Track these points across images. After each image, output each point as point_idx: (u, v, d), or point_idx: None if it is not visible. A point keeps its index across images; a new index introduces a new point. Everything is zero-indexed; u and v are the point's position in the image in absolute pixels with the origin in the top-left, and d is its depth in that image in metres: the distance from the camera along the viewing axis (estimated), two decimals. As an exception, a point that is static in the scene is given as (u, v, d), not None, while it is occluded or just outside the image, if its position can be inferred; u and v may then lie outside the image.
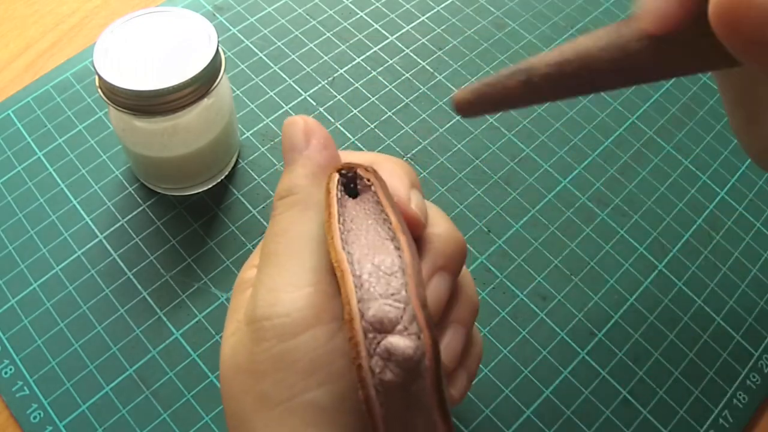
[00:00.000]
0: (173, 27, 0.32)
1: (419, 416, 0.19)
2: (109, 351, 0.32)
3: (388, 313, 0.19)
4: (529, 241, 0.36)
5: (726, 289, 0.35)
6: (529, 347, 0.33)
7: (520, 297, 0.34)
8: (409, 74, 0.42)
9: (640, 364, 0.33)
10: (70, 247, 0.35)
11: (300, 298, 0.20)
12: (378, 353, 0.19)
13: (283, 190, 0.23)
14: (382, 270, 0.20)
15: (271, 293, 0.21)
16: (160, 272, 0.34)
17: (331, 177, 0.22)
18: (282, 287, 0.21)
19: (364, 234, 0.21)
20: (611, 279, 0.35)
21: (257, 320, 0.21)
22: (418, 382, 0.19)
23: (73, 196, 0.36)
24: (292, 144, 0.24)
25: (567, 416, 0.31)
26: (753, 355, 0.33)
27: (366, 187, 0.22)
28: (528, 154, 0.39)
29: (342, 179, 0.22)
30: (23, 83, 0.40)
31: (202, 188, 0.37)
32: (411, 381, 0.19)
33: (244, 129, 0.39)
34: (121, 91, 0.29)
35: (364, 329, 0.19)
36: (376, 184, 0.22)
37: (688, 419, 0.32)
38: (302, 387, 0.20)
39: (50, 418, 0.30)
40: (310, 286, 0.21)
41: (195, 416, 0.31)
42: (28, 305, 0.33)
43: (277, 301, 0.21)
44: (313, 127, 0.24)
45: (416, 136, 0.39)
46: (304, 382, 0.20)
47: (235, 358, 0.22)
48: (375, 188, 0.22)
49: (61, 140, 0.38)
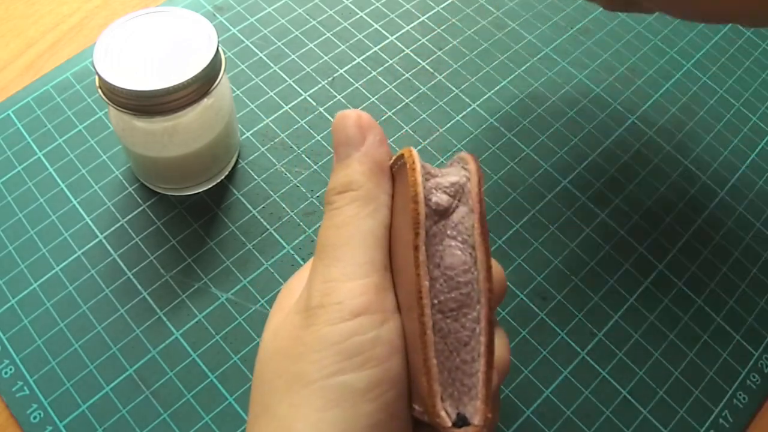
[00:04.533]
0: (173, 27, 0.32)
1: (457, 246, 0.21)
2: (109, 351, 0.32)
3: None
4: (529, 241, 0.36)
5: (726, 289, 0.35)
6: (529, 347, 0.33)
7: (520, 297, 0.34)
8: (409, 74, 0.42)
9: (640, 364, 0.33)
10: (70, 247, 0.35)
11: (353, 288, 0.21)
12: (428, 185, 0.21)
13: (341, 185, 0.23)
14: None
15: (326, 284, 0.21)
16: (160, 272, 0.34)
17: (411, 151, 0.23)
18: (337, 277, 0.21)
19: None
20: (611, 279, 0.35)
21: (311, 308, 0.21)
22: (460, 209, 0.21)
23: (73, 196, 0.36)
24: (347, 138, 0.24)
25: (567, 416, 0.31)
26: (753, 355, 0.33)
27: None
28: (528, 154, 0.39)
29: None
30: (23, 83, 0.40)
31: (202, 188, 0.37)
32: (456, 206, 0.21)
33: (244, 129, 0.39)
34: (121, 91, 0.29)
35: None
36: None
37: (688, 419, 0.32)
38: (339, 368, 0.20)
39: (50, 418, 0.30)
40: (364, 278, 0.21)
41: (195, 416, 0.31)
42: (28, 305, 0.33)
43: (331, 290, 0.21)
44: (369, 122, 0.24)
45: (416, 136, 0.39)
46: (341, 364, 0.20)
47: (276, 342, 0.22)
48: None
49: (61, 140, 0.38)
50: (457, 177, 0.22)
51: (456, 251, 0.20)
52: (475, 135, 0.39)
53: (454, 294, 0.20)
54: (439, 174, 0.22)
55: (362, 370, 0.20)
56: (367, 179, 0.23)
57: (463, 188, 0.21)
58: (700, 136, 0.40)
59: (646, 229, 0.37)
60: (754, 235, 0.37)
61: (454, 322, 0.20)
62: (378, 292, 0.21)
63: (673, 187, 0.38)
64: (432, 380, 0.19)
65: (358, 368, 0.20)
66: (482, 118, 0.40)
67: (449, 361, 0.20)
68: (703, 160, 0.39)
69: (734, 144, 0.40)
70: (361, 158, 0.23)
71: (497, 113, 0.40)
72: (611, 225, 0.37)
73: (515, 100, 0.41)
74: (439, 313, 0.20)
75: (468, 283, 0.20)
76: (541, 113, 0.40)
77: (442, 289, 0.20)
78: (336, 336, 0.20)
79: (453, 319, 0.20)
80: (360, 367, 0.20)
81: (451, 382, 0.20)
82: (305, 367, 0.21)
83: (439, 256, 0.21)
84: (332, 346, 0.20)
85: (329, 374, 0.20)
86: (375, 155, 0.23)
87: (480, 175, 0.22)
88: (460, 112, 0.40)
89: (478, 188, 0.21)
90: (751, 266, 0.36)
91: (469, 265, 0.20)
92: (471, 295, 0.20)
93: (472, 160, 0.22)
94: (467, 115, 0.40)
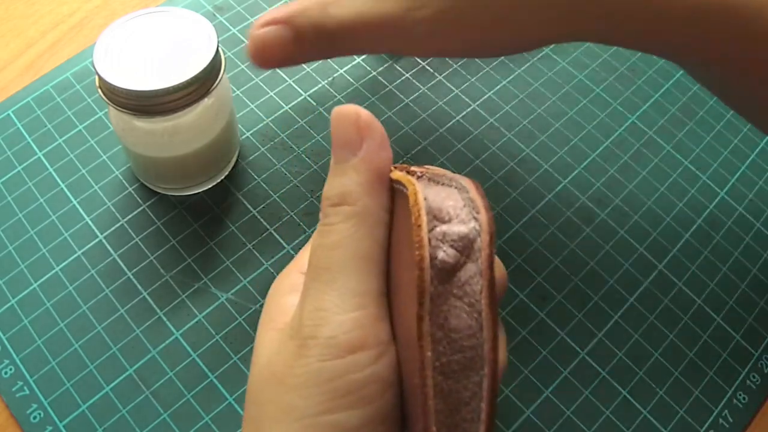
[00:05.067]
0: (173, 27, 0.32)
1: (463, 308, 0.19)
2: (109, 351, 0.32)
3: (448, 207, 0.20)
4: (529, 241, 0.36)
5: (726, 289, 0.35)
6: (529, 347, 0.33)
7: (520, 297, 0.34)
8: (409, 74, 0.42)
9: (640, 364, 0.33)
10: (70, 247, 0.35)
11: (348, 321, 0.20)
12: (434, 235, 0.19)
13: (336, 196, 0.22)
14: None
15: (319, 313, 0.20)
16: (160, 272, 0.34)
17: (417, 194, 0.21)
18: (330, 308, 0.20)
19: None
20: (611, 279, 0.35)
21: (302, 338, 0.20)
22: (468, 267, 0.19)
23: (73, 196, 0.36)
24: (346, 140, 0.22)
25: (567, 416, 0.31)
26: (753, 355, 0.33)
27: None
28: (528, 154, 0.39)
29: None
30: (23, 83, 0.40)
31: (202, 188, 0.37)
32: (463, 262, 0.19)
33: (244, 129, 0.39)
34: (121, 91, 0.29)
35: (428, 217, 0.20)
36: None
37: (688, 419, 0.32)
38: (331, 406, 0.20)
39: (50, 418, 0.30)
40: (359, 310, 0.20)
41: (195, 416, 0.31)
42: (28, 305, 0.33)
43: (324, 321, 0.20)
44: (368, 122, 0.22)
45: (416, 136, 0.39)
46: (334, 402, 0.20)
47: (271, 367, 0.21)
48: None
49: (61, 140, 0.38)
50: (466, 229, 0.20)
51: (462, 314, 0.19)
52: (475, 135, 0.39)
53: (457, 357, 0.19)
54: (446, 215, 0.20)
55: (355, 408, 0.20)
56: (365, 192, 0.21)
57: (472, 244, 0.20)
58: (700, 136, 0.40)
59: (646, 229, 0.37)
60: (754, 235, 0.37)
61: (456, 383, 0.19)
62: (373, 324, 0.20)
63: (673, 187, 0.38)
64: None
65: (350, 407, 0.20)
66: (482, 118, 0.40)
67: (449, 419, 0.19)
68: (703, 160, 0.39)
69: (734, 144, 0.40)
70: (358, 166, 0.22)
71: (497, 113, 0.40)
72: (611, 225, 0.37)
73: (515, 100, 0.41)
74: (440, 375, 0.19)
75: (472, 348, 0.19)
76: (541, 113, 0.40)
77: (445, 351, 0.19)
78: (328, 373, 0.20)
79: (455, 380, 0.19)
80: (353, 407, 0.20)
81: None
82: (297, 401, 0.20)
83: (444, 317, 0.19)
84: (324, 383, 0.20)
85: (320, 412, 0.20)
86: (374, 162, 0.22)
87: (492, 231, 0.20)
88: (460, 112, 0.40)
89: (489, 249, 0.19)
90: (751, 266, 0.36)
91: (475, 329, 0.19)
92: (475, 360, 0.19)
93: (483, 209, 0.20)
94: (467, 115, 0.40)
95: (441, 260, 0.19)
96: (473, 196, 0.20)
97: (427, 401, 0.19)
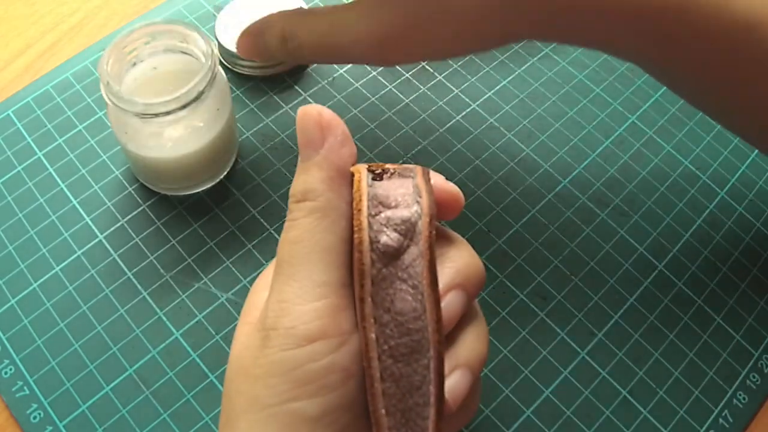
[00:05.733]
0: None
1: (408, 291, 0.20)
2: (109, 351, 0.32)
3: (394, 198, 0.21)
4: (529, 241, 0.36)
5: (726, 289, 0.35)
6: (529, 347, 0.33)
7: (520, 297, 0.34)
8: (409, 74, 0.42)
9: (640, 364, 0.33)
10: (70, 247, 0.35)
11: (308, 312, 0.21)
12: (378, 220, 0.20)
13: (299, 192, 0.22)
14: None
15: (281, 304, 0.21)
16: (160, 272, 0.34)
17: (360, 181, 0.21)
18: (291, 299, 0.21)
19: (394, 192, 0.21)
20: (611, 279, 0.35)
21: (265, 329, 0.21)
22: (411, 250, 0.20)
23: (73, 196, 0.36)
24: (309, 139, 0.22)
25: (567, 416, 0.31)
26: (753, 355, 0.33)
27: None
28: (528, 154, 0.39)
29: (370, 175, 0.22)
30: (23, 83, 0.40)
31: (202, 188, 0.37)
32: (407, 245, 0.20)
33: (244, 129, 0.39)
34: None
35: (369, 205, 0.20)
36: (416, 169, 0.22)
37: (688, 419, 0.32)
38: (292, 395, 0.20)
39: (50, 418, 0.30)
40: (320, 300, 0.21)
41: (195, 416, 0.31)
42: (28, 305, 0.33)
43: (285, 312, 0.21)
44: (330, 120, 0.22)
45: (416, 136, 0.39)
46: (294, 391, 0.20)
47: (240, 360, 0.22)
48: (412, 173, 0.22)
49: (61, 140, 0.38)
50: (408, 213, 0.20)
51: (406, 296, 0.20)
52: (475, 135, 0.39)
53: (404, 340, 0.20)
54: (392, 201, 0.21)
55: (316, 397, 0.20)
56: (327, 188, 0.22)
57: (414, 227, 0.20)
58: (700, 136, 0.40)
59: (646, 229, 0.37)
60: (754, 235, 0.37)
61: (406, 366, 0.20)
62: (334, 314, 0.21)
63: (673, 188, 0.38)
64: (381, 430, 0.20)
65: (312, 395, 0.20)
66: (482, 118, 0.40)
67: (402, 402, 0.20)
68: (703, 160, 0.39)
69: (734, 144, 0.40)
70: (320, 163, 0.22)
71: (497, 113, 0.40)
72: (611, 225, 0.37)
73: (515, 100, 0.41)
74: (390, 358, 0.20)
75: (418, 331, 0.20)
76: (541, 113, 0.40)
77: (392, 334, 0.20)
78: (290, 362, 0.20)
79: (405, 363, 0.20)
80: (314, 395, 0.20)
81: (405, 422, 0.20)
82: (261, 391, 0.20)
83: (390, 300, 0.20)
84: (286, 373, 0.20)
85: (283, 401, 0.20)
86: (335, 159, 0.22)
87: (432, 213, 0.20)
88: (460, 112, 0.40)
89: (428, 231, 0.20)
90: (751, 266, 0.36)
91: (420, 312, 0.20)
92: (422, 342, 0.20)
93: (425, 193, 0.21)
94: (467, 115, 0.40)
95: (384, 243, 0.20)
96: (418, 181, 0.21)
97: (374, 383, 0.20)
